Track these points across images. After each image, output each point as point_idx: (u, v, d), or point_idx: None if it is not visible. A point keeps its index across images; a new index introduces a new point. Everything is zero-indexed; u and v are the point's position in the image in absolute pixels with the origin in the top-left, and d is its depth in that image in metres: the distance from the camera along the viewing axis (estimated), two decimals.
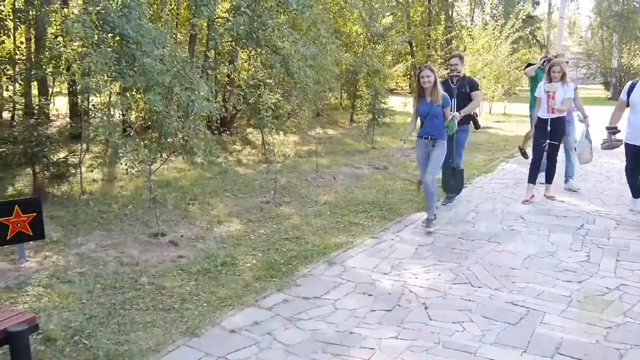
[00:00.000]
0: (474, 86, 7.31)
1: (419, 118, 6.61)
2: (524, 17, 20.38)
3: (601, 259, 5.34)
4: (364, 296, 4.55)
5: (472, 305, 4.33)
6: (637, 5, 36.27)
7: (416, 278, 4.91)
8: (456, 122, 6.57)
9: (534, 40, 40.93)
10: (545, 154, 7.41)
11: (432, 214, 6.39)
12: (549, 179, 7.65)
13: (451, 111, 6.57)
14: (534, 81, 8.64)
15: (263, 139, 11.85)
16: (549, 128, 7.20)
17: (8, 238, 5.03)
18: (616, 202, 7.47)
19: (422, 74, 6.27)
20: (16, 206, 5.04)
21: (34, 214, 5.15)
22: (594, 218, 6.76)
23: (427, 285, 4.74)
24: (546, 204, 7.44)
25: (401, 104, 16.64)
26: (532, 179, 7.65)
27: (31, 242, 5.42)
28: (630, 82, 6.76)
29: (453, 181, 7.42)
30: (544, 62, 8.40)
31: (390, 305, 4.37)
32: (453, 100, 6.96)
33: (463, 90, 7.16)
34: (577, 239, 5.96)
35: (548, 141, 7.26)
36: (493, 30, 19.48)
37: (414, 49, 30.85)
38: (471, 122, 7.54)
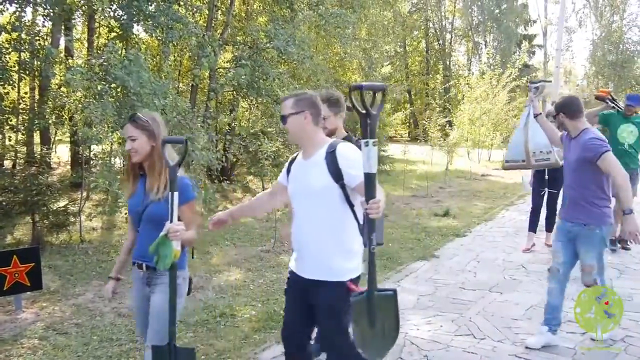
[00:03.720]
0: None
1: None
2: (520, 66, 20.74)
3: None
4: None
5: (474, 358, 4.25)
6: (631, 55, 36.97)
7: (418, 329, 4.84)
8: (174, 245, 2.83)
9: None
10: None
11: None
12: (549, 227, 7.63)
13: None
14: (610, 130, 6.98)
15: (263, 187, 11.85)
16: (547, 177, 7.26)
17: (5, 289, 5.01)
18: (619, 251, 7.42)
19: (124, 131, 3.18)
20: (14, 256, 5.03)
21: (32, 264, 5.13)
22: None
23: (429, 337, 4.67)
24: (547, 253, 7.37)
25: (401, 152, 16.79)
26: (532, 227, 7.63)
27: (28, 292, 5.37)
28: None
29: None
30: (608, 101, 6.85)
31: (391, 358, 4.28)
32: None
33: None
34: (580, 289, 5.88)
35: (547, 189, 7.31)
36: (490, 79, 19.80)
37: (413, 97, 31.40)
38: None
